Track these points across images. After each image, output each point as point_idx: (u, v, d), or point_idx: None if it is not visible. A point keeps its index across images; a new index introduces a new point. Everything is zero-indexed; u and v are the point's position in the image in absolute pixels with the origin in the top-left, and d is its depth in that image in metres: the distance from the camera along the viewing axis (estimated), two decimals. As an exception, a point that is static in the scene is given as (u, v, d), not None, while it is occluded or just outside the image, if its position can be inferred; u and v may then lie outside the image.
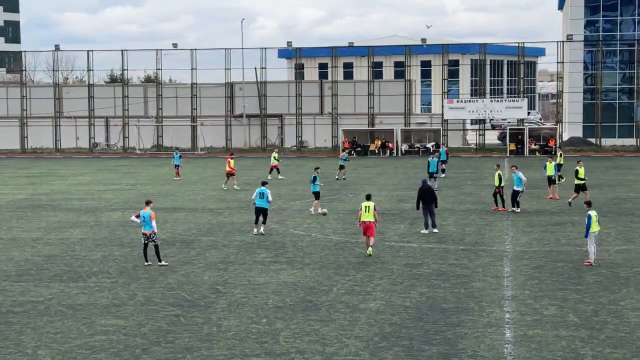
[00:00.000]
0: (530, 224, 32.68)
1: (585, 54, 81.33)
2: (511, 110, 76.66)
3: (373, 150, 75.00)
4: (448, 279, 23.15)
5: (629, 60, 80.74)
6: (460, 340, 17.37)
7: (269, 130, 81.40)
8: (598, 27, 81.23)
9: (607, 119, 78.85)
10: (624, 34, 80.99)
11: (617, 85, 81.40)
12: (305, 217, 35.37)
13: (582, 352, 16.42)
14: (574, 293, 21.22)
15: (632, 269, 24.06)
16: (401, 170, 58.53)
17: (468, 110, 75.43)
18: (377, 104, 79.49)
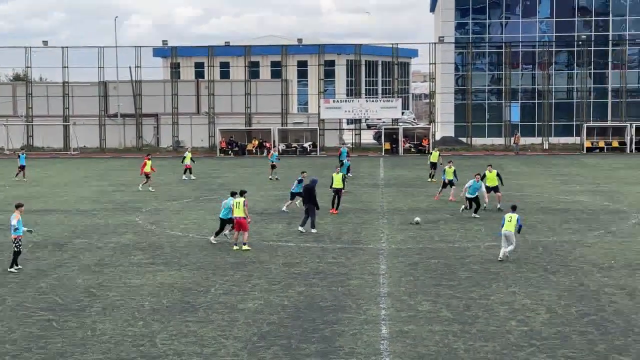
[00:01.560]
0: (405, 222, 33.32)
1: (456, 56, 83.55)
2: (386, 110, 78.05)
3: (250, 150, 74.94)
4: (326, 277, 23.36)
5: (497, 62, 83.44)
6: (337, 337, 17.55)
7: (145, 130, 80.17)
8: (468, 29, 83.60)
9: (477, 119, 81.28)
10: (492, 36, 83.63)
11: (487, 86, 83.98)
12: (182, 218, 35.01)
13: (455, 346, 16.87)
14: (447, 289, 21.77)
15: (501, 264, 24.86)
16: (279, 170, 58.67)
17: (344, 110, 76.34)
18: (254, 104, 79.46)
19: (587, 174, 52.59)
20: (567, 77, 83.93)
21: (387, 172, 55.47)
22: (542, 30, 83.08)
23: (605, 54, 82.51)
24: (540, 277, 23.05)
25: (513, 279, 22.82)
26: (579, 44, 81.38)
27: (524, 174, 53.74)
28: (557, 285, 21.96)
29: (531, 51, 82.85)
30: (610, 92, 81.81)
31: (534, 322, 18.49)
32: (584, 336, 17.35)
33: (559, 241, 28.63)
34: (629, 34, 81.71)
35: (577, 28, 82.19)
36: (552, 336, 17.39)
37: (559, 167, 58.38)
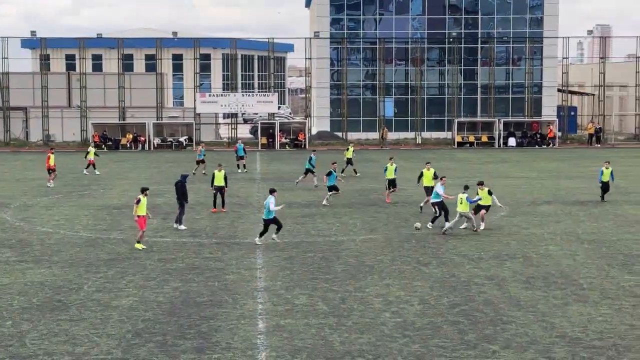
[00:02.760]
0: (281, 217, 33.36)
1: (331, 51, 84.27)
2: (262, 105, 78.00)
3: (125, 144, 73.55)
4: (202, 272, 23.19)
5: (371, 57, 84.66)
6: (214, 333, 17.46)
7: (13, 123, 77.47)
8: (343, 25, 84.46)
9: (352, 114, 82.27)
10: (366, 32, 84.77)
11: (362, 81, 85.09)
12: (53, 214, 34.06)
13: (331, 338, 17.04)
14: (323, 282, 21.96)
15: (376, 257, 25.27)
16: (154, 164, 57.87)
17: (220, 104, 75.87)
18: (128, 97, 77.99)
19: (458, 168, 53.97)
20: (438, 74, 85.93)
21: (264, 167, 55.49)
22: (414, 27, 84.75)
23: (474, 51, 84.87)
24: (414, 269, 23.54)
25: (387, 271, 23.22)
26: (450, 41, 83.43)
27: (400, 169, 54.62)
28: (430, 277, 22.48)
29: (404, 47, 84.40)
30: (479, 88, 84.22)
31: (407, 313, 18.87)
32: (455, 326, 17.83)
33: (432, 233, 29.30)
34: (497, 32, 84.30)
35: (448, 26, 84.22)
36: (424, 326, 17.80)
37: (432, 162, 59.68)
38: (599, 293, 20.54)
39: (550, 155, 65.29)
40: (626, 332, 17.19)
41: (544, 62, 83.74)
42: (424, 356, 15.89)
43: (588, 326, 17.67)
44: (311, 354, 16.07)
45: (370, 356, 15.93)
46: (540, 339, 16.81)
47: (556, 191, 41.38)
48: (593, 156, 63.49)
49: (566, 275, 22.59)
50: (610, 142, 78.62)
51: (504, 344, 16.56)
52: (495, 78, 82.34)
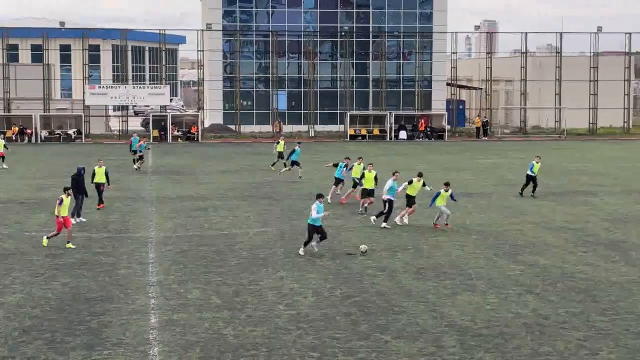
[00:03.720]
0: (174, 210, 33.07)
1: (223, 43, 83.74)
2: (154, 97, 76.89)
3: (10, 137, 71.30)
4: (92, 267, 22.74)
5: (264, 50, 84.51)
6: (104, 329, 17.15)
7: None
8: (235, 17, 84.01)
9: (245, 107, 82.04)
10: (259, 25, 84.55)
11: (254, 74, 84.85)
12: None
13: (225, 332, 16.97)
14: (216, 276, 21.85)
15: (270, 249, 25.29)
16: (41, 157, 56.38)
17: (110, 96, 74.40)
18: (14, 89, 75.66)
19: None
20: (331, 67, 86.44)
21: (156, 160, 54.76)
22: (307, 21, 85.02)
23: (366, 45, 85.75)
24: (308, 261, 23.66)
25: (281, 264, 23.27)
26: (342, 35, 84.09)
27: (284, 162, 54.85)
28: (323, 269, 22.64)
29: (297, 40, 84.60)
30: (371, 82, 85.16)
31: (301, 305, 18.96)
32: (348, 317, 18.01)
33: (325, 226, 29.43)
34: (388, 27, 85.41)
35: (340, 19, 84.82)
36: (318, 318, 17.92)
37: (325, 154, 60.11)
38: (486, 282, 21.09)
39: (440, 148, 66.59)
40: (512, 320, 17.71)
41: (434, 57, 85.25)
42: (318, 348, 16.00)
43: (476, 315, 18.13)
44: (204, 348, 15.97)
45: (264, 349, 15.94)
46: (431, 329, 17.16)
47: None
48: (481, 149, 65.12)
49: (455, 265, 23.11)
50: (497, 135, 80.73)
51: (396, 334, 16.83)
52: (386, 72, 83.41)
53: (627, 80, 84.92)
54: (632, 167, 49.66)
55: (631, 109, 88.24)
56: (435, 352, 15.69)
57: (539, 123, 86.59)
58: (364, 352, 15.71)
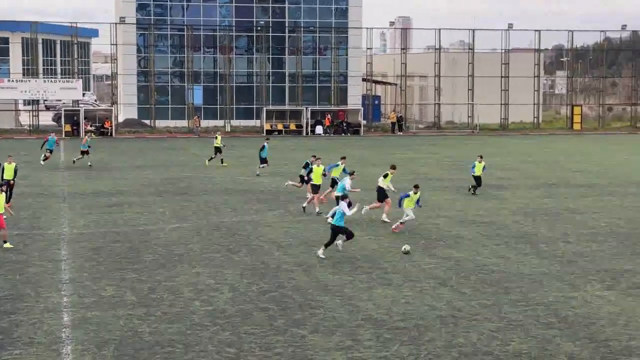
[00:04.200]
0: (87, 206, 32.51)
1: (137, 37, 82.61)
2: (66, 91, 75.38)
3: None
4: (2, 265, 22.18)
5: (179, 44, 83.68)
6: (15, 328, 16.75)
7: None
8: (150, 10, 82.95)
9: (160, 101, 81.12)
10: (174, 18, 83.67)
11: (169, 68, 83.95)
12: None
13: (140, 329, 16.77)
14: (131, 272, 21.57)
15: (186, 245, 25.09)
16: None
17: (20, 90, 72.66)
18: None
19: (268, 156, 54.32)
20: (247, 62, 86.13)
21: (68, 155, 53.69)
22: (222, 15, 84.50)
23: (282, 40, 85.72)
24: (224, 257, 23.56)
25: (197, 260, 23.11)
26: (258, 30, 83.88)
27: (203, 156, 54.54)
28: (240, 264, 22.58)
29: (212, 35, 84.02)
30: (287, 77, 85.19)
31: (217, 301, 18.87)
32: (265, 312, 18.00)
33: (242, 221, 29.42)
34: (304, 22, 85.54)
35: (256, 14, 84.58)
36: (235, 314, 17.86)
37: (242, 149, 59.89)
38: (402, 276, 21.34)
39: (356, 143, 67.06)
40: (427, 313, 17.97)
41: (349, 52, 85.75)
42: (235, 343, 15.95)
43: (392, 308, 18.33)
44: (119, 346, 15.75)
45: (181, 345, 15.82)
46: (347, 322, 17.28)
47: (362, 178, 42.52)
48: (396, 144, 65.84)
49: (371, 259, 23.31)
50: (412, 130, 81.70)
51: (313, 328, 16.89)
52: (302, 67, 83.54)
53: (537, 77, 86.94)
54: (541, 162, 50.90)
55: (541, 104, 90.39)
56: (352, 346, 15.81)
57: (453, 118, 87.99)
58: (281, 347, 15.74)
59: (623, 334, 16.34)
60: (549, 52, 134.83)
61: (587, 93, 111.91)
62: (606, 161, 52.15)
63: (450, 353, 15.35)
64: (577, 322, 17.24)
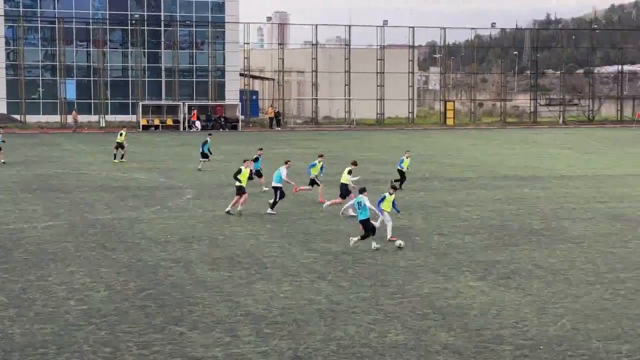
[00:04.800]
0: (-47, 205, 31.24)
1: (6, 29, 79.90)
2: None
3: None
4: None
5: (50, 37, 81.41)
6: None
7: None
8: (19, 2, 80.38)
9: (31, 96, 78.71)
10: (44, 11, 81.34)
11: (40, 62, 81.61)
12: None
13: (10, 331, 16.22)
14: (1, 272, 20.84)
15: (59, 244, 24.42)
16: None
17: None
18: None
19: (144, 151, 53.57)
20: (122, 56, 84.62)
21: None
22: (95, 8, 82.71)
23: (158, 34, 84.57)
24: (100, 254, 23.06)
25: (71, 258, 22.54)
26: (133, 23, 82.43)
27: (81, 153, 53.28)
28: (116, 262, 22.14)
29: (85, 28, 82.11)
30: (163, 71, 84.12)
31: (93, 300, 18.45)
32: (143, 310, 17.72)
33: (117, 218, 28.87)
34: (180, 16, 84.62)
35: (130, 7, 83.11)
36: (111, 313, 17.50)
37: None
38: (281, 271, 21.39)
39: (235, 138, 66.83)
40: (306, 307, 18.07)
41: (227, 47, 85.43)
42: (111, 342, 15.63)
43: (271, 303, 18.35)
44: (-11, 349, 15.19)
45: (54, 346, 15.38)
46: (226, 318, 17.19)
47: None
48: (274, 139, 65.98)
49: (250, 254, 23.27)
50: (289, 126, 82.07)
51: (191, 325, 16.73)
52: (179, 62, 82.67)
53: (412, 73, 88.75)
54: (415, 156, 51.96)
55: (415, 100, 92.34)
56: (231, 342, 15.74)
57: (330, 113, 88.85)
58: (159, 345, 15.52)
59: (494, 323, 16.86)
60: (423, 48, 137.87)
61: (459, 89, 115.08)
62: (478, 155, 53.73)
63: (329, 346, 15.49)
64: (451, 312, 17.68)
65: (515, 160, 50.57)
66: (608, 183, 39.30)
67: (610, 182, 39.79)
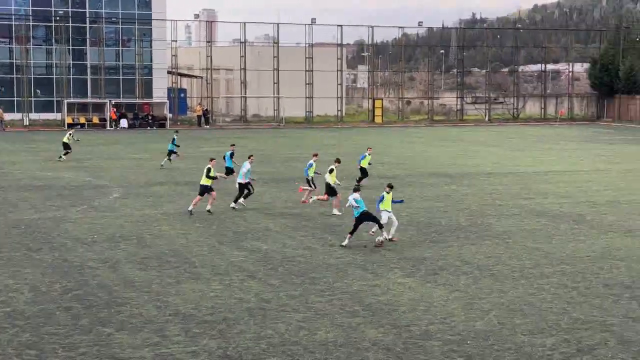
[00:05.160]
0: None
1: None
2: None
3: None
4: None
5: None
6: None
7: None
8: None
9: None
10: (-34, 6, 79.34)
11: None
12: None
13: None
14: None
15: (-18, 245, 23.87)
16: None
17: None
18: None
19: (72, 150, 52.68)
20: (46, 53, 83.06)
21: None
22: (18, 4, 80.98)
23: (83, 31, 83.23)
24: (24, 255, 22.59)
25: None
26: (57, 20, 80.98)
27: (5, 151, 52.18)
28: (41, 263, 21.72)
29: (7, 24, 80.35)
30: (89, 68, 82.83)
31: (16, 302, 18.07)
32: (69, 311, 17.41)
33: (42, 218, 28.32)
34: (106, 12, 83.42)
35: (54, 3, 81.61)
36: (35, 314, 17.16)
37: (40, 144, 57.75)
38: (210, 270, 21.25)
39: (163, 136, 66.20)
40: (235, 306, 17.99)
41: (154, 44, 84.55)
42: (36, 345, 15.33)
43: (200, 302, 18.22)
44: None
45: (-23, 351, 15.02)
46: (155, 318, 17.01)
47: (168, 172, 42.07)
48: (202, 137, 65.56)
49: (179, 254, 23.07)
50: (218, 124, 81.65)
51: (119, 326, 16.51)
52: (105, 59, 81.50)
53: (340, 71, 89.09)
54: (344, 154, 52.13)
55: (344, 98, 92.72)
56: (160, 342, 15.57)
57: (259, 111, 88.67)
58: (86, 347, 15.27)
59: (423, 319, 17.03)
60: (351, 47, 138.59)
61: (387, 87, 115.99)
62: (406, 153, 54.22)
63: (259, 345, 15.45)
64: (380, 309, 17.80)
65: (442, 157, 51.17)
66: (533, 180, 40.07)
67: (534, 178, 40.57)
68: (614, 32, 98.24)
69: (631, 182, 39.48)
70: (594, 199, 33.89)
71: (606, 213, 30.33)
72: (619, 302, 18.38)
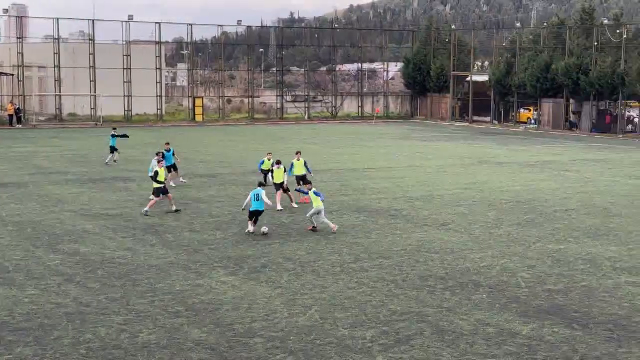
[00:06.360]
0: None
1: None
2: None
3: None
4: None
5: None
6: None
7: None
8: None
9: None
10: None
11: None
12: None
13: None
14: None
15: None
16: None
17: None
18: None
19: None
20: None
21: None
22: None
23: None
24: None
25: None
26: None
27: None
28: None
29: None
30: None
31: None
32: None
33: None
34: None
35: None
36: None
37: None
38: (25, 274, 20.45)
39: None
40: (52, 311, 17.40)
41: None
42: None
43: (14, 309, 17.50)
44: None
45: None
46: (-35, 328, 16.19)
47: (-23, 174, 40.10)
48: (15, 137, 63.00)
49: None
50: (31, 123, 78.67)
51: None
52: None
53: (159, 69, 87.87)
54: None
55: (163, 96, 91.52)
56: (-29, 353, 14.84)
57: (75, 110, 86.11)
58: None
59: (246, 317, 17.08)
60: (170, 44, 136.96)
61: (207, 85, 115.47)
62: (227, 151, 54.16)
63: (78, 350, 15.01)
64: (204, 308, 17.71)
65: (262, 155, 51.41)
66: (351, 176, 41.01)
67: (352, 175, 41.55)
68: (424, 33, 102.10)
69: (443, 177, 41.20)
70: (409, 194, 35.12)
71: (421, 207, 31.51)
72: (434, 293, 19.14)
